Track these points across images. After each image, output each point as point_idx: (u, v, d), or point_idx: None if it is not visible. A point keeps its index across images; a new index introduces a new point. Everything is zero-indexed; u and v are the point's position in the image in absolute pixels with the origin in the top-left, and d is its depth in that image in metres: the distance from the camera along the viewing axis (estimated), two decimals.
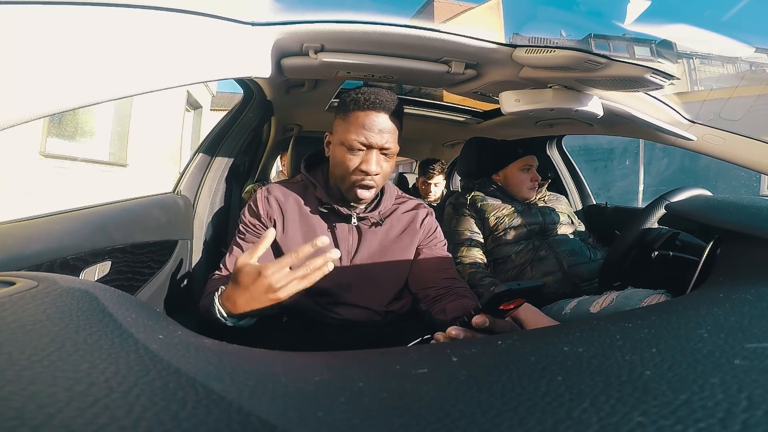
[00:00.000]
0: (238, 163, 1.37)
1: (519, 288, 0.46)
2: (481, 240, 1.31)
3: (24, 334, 0.22)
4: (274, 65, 0.90)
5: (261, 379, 0.22)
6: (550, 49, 0.82)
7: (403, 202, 0.92)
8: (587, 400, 0.18)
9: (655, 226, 0.96)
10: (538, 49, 0.84)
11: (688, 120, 1.09)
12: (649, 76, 0.81)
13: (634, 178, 5.46)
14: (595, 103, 1.03)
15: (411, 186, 2.57)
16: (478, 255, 1.27)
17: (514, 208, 1.33)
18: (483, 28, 0.87)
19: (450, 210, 1.41)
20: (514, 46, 0.87)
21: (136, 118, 5.20)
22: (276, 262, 0.58)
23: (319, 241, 0.59)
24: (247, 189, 1.68)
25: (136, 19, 0.52)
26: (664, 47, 0.91)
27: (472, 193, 1.39)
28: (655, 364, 0.22)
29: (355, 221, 0.83)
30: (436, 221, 0.94)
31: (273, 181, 2.27)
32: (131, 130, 5.19)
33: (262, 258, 0.76)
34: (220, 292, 0.65)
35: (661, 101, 1.06)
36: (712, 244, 0.70)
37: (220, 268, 0.83)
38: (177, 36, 0.58)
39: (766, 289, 0.38)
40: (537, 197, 1.41)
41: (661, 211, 0.93)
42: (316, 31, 0.81)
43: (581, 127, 1.43)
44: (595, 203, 1.78)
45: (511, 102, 1.03)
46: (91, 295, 0.29)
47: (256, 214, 0.84)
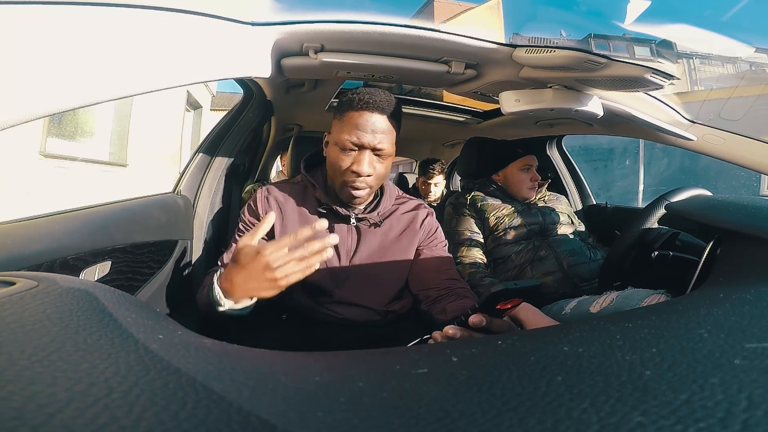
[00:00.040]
0: (238, 163, 1.37)
1: (516, 288, 0.46)
2: (481, 240, 1.31)
3: (24, 334, 0.22)
4: (274, 65, 0.90)
5: (261, 379, 0.22)
6: (550, 49, 0.82)
7: (403, 203, 0.92)
8: (587, 400, 0.18)
9: (655, 226, 0.96)
10: (538, 49, 0.83)
11: (688, 120, 1.09)
12: (649, 76, 0.81)
13: (634, 178, 5.46)
14: (595, 103, 1.03)
15: (411, 186, 2.57)
16: (478, 255, 1.27)
17: (514, 208, 1.33)
18: (483, 28, 0.87)
19: (450, 210, 1.41)
20: (514, 46, 0.87)
21: (136, 118, 5.20)
22: (274, 242, 0.59)
23: (318, 224, 0.60)
24: (247, 189, 1.68)
25: (136, 19, 0.52)
26: (664, 47, 0.91)
27: (472, 193, 1.39)
28: (655, 364, 0.22)
29: (353, 222, 0.84)
30: (437, 221, 0.94)
31: (273, 181, 2.27)
32: (131, 130, 5.19)
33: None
34: (219, 273, 0.66)
35: (661, 101, 1.06)
36: (712, 244, 0.70)
37: (218, 265, 0.83)
38: (177, 36, 0.58)
39: (766, 289, 0.38)
40: (537, 197, 1.41)
41: (661, 211, 0.93)
42: (316, 31, 0.81)
43: (581, 127, 1.43)
44: (595, 203, 1.78)
45: (511, 102, 1.03)
46: (91, 295, 0.29)
47: (255, 214, 0.85)
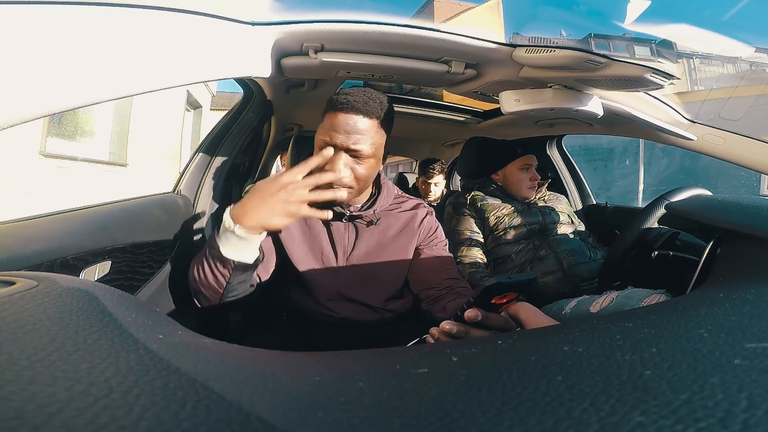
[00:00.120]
0: (238, 162, 1.37)
1: (510, 281, 0.46)
2: (481, 240, 1.31)
3: (24, 334, 0.22)
4: (274, 65, 0.90)
5: (261, 379, 0.22)
6: (550, 48, 0.82)
7: (402, 202, 0.92)
8: (587, 399, 0.18)
9: (655, 226, 0.96)
10: (538, 48, 0.83)
11: (688, 120, 1.09)
12: (649, 76, 0.81)
13: (634, 177, 5.45)
14: (595, 102, 1.03)
15: (411, 186, 2.57)
16: (478, 255, 1.27)
17: (514, 208, 1.33)
18: (483, 27, 0.86)
19: (450, 210, 1.41)
20: (514, 46, 0.86)
21: (136, 118, 5.21)
22: (289, 170, 0.65)
23: (326, 151, 0.67)
24: (247, 189, 1.68)
25: (136, 19, 0.52)
26: (664, 47, 0.91)
27: (472, 193, 1.39)
28: (655, 364, 0.22)
29: (347, 219, 0.83)
30: (437, 221, 0.94)
31: None
32: (131, 130, 5.20)
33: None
34: (232, 206, 0.68)
35: (661, 101, 1.06)
36: (712, 244, 0.70)
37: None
38: (177, 36, 0.58)
39: (766, 289, 0.38)
40: (537, 197, 1.41)
41: (661, 211, 0.93)
42: (316, 31, 0.81)
43: (581, 127, 1.43)
44: (595, 203, 1.78)
45: (511, 102, 1.03)
46: (91, 295, 0.29)
47: None
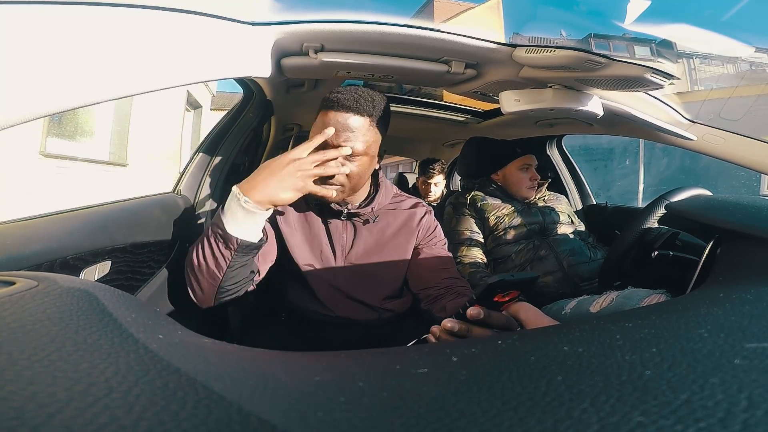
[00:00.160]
0: (238, 162, 1.37)
1: (512, 279, 0.46)
2: (481, 240, 1.31)
3: (24, 334, 0.22)
4: (274, 65, 0.90)
5: (261, 379, 0.22)
6: (550, 48, 0.82)
7: (401, 201, 0.92)
8: (587, 399, 0.18)
9: (655, 225, 0.96)
10: (538, 48, 0.83)
11: (688, 120, 1.09)
12: (649, 76, 0.81)
13: (634, 177, 5.45)
14: (595, 102, 1.03)
15: (411, 186, 2.57)
16: (478, 255, 1.27)
17: (513, 208, 1.33)
18: (483, 27, 0.86)
19: (450, 210, 1.41)
20: (514, 46, 0.86)
21: (136, 118, 5.21)
22: (296, 147, 0.69)
23: (329, 130, 0.71)
24: None
25: (136, 19, 0.52)
26: (664, 47, 0.91)
27: (472, 193, 1.39)
28: (655, 364, 0.22)
29: (344, 217, 0.83)
30: (436, 220, 0.94)
31: None
32: (131, 129, 5.20)
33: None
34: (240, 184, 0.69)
35: (661, 101, 1.06)
36: (712, 244, 0.70)
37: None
38: (177, 36, 0.58)
39: (766, 289, 0.38)
40: (537, 197, 1.41)
41: (661, 211, 0.93)
42: (316, 31, 0.81)
43: (581, 127, 1.43)
44: (595, 203, 1.78)
45: (511, 102, 1.03)
46: (91, 295, 0.29)
47: None
